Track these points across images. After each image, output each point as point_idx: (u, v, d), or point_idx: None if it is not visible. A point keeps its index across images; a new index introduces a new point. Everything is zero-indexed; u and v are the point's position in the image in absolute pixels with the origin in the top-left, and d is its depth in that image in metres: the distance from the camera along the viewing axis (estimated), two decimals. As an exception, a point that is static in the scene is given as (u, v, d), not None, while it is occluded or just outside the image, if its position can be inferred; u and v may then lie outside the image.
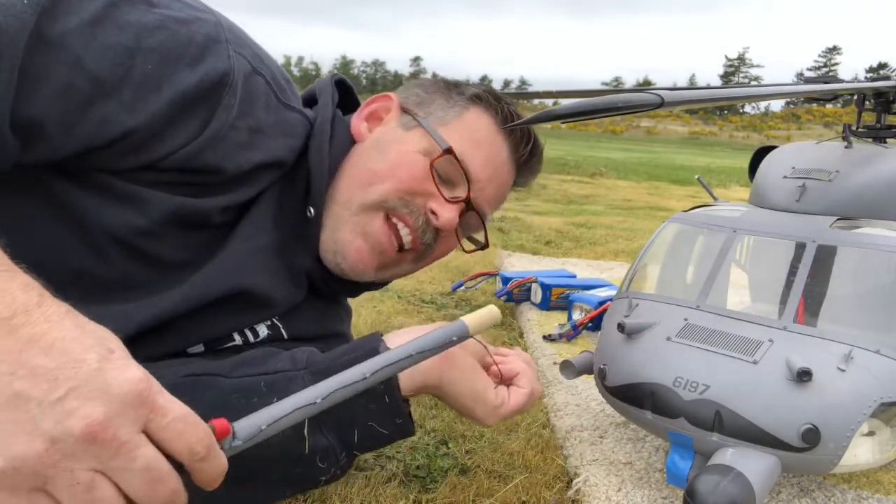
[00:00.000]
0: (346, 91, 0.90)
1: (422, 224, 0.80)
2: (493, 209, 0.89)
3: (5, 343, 0.38)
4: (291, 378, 0.66)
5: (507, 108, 0.86)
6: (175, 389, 0.57)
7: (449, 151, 0.80)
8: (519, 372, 0.73)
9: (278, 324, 0.84)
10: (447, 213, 0.79)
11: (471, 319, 0.56)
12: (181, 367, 0.67)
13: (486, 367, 0.72)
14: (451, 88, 0.88)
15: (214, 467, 0.44)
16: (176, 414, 0.42)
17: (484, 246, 0.90)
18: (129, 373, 0.41)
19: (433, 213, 0.79)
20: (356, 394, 0.52)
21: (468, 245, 0.88)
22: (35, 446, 0.37)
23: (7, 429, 0.37)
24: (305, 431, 0.65)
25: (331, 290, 0.87)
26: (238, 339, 0.80)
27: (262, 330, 0.82)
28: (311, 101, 0.85)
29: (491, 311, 0.57)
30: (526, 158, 0.87)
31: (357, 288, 0.92)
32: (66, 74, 0.58)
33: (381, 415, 0.68)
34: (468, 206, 0.82)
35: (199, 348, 0.77)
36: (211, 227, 0.72)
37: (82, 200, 0.63)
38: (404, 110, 0.85)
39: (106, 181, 0.63)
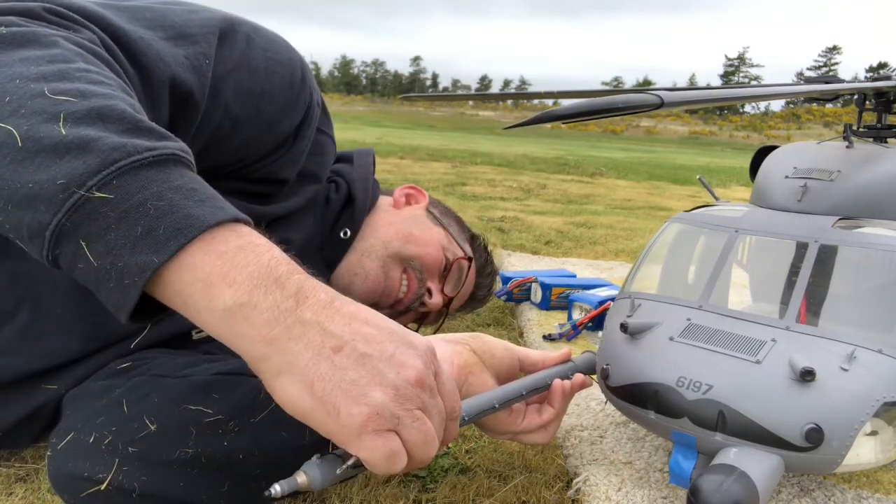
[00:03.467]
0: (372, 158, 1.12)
1: (418, 294, 1.00)
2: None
3: (338, 319, 0.46)
4: None
5: (486, 257, 1.16)
6: (208, 387, 0.63)
7: (470, 260, 1.08)
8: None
9: None
10: (437, 299, 1.02)
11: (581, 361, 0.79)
12: (209, 364, 0.70)
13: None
14: (460, 220, 1.16)
15: (456, 428, 0.54)
16: (448, 375, 0.52)
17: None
18: (420, 336, 0.50)
19: (429, 291, 1.01)
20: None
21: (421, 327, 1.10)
22: (388, 392, 0.45)
23: (364, 382, 0.45)
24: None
25: None
26: None
27: None
28: (344, 158, 1.07)
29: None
30: (482, 297, 1.16)
31: None
32: (218, 118, 0.72)
33: None
34: (446, 305, 1.05)
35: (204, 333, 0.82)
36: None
37: None
38: (430, 210, 1.09)
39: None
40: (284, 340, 0.45)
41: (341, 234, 0.97)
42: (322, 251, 0.97)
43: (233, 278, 0.45)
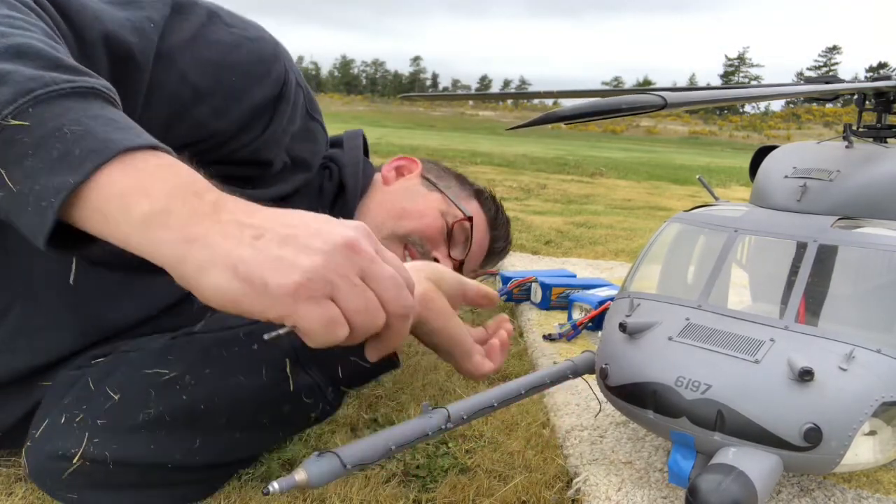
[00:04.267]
0: (364, 143, 1.10)
1: None
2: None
3: (258, 215, 0.47)
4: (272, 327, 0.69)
5: (496, 208, 1.12)
6: (164, 351, 0.67)
7: (470, 219, 1.03)
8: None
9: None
10: (446, 265, 0.96)
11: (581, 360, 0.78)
12: (159, 337, 0.71)
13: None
14: (461, 177, 1.13)
15: (407, 299, 0.51)
16: (395, 264, 0.51)
17: None
18: (351, 222, 0.50)
19: (436, 260, 0.97)
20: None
21: None
22: (316, 258, 0.45)
23: (290, 254, 0.45)
24: (288, 370, 0.69)
25: None
26: None
27: None
28: (335, 143, 1.04)
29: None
30: (499, 251, 1.14)
31: None
32: (174, 86, 0.70)
33: (361, 348, 0.73)
34: (459, 270, 1.02)
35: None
36: None
37: None
38: (424, 177, 1.05)
39: None
40: (203, 238, 0.45)
41: None
42: None
43: (150, 190, 0.45)
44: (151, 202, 0.45)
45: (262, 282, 0.44)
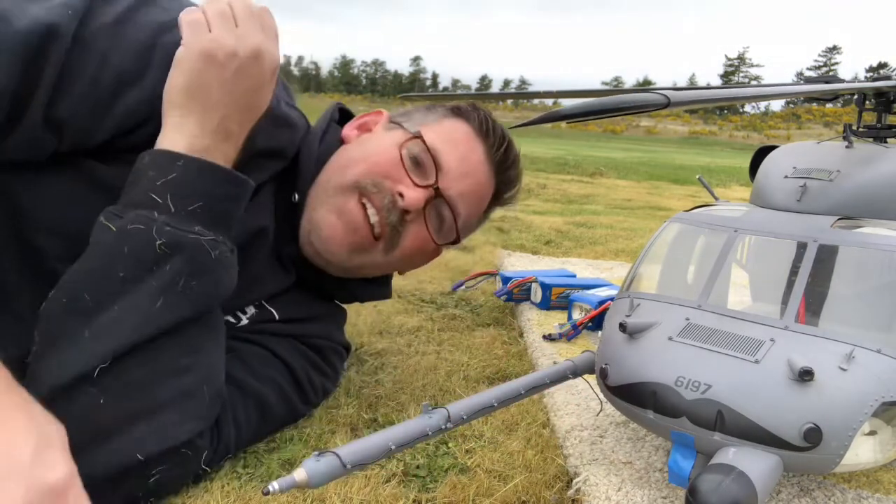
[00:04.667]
0: (348, 115, 0.99)
1: (387, 203, 0.84)
2: (468, 208, 0.92)
3: None
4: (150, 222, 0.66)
5: (482, 115, 0.94)
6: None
7: (418, 136, 0.87)
8: None
9: (269, 307, 0.88)
10: (412, 194, 0.84)
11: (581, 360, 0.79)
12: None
13: None
14: (435, 104, 0.97)
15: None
16: None
17: (455, 240, 0.93)
18: (56, 470, 0.50)
19: (400, 195, 0.84)
20: None
21: (440, 238, 0.91)
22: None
23: None
24: (104, 220, 0.66)
25: (321, 284, 0.93)
26: (231, 319, 0.84)
27: (250, 310, 0.85)
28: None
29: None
30: (501, 159, 0.94)
31: (344, 288, 0.94)
32: (94, 70, 0.65)
33: None
34: (437, 192, 0.86)
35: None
36: None
37: (113, 179, 0.69)
38: (391, 121, 0.93)
39: (132, 160, 0.68)
40: None
41: (293, 200, 0.86)
42: (291, 228, 0.87)
43: None
44: None
45: None
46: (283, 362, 0.86)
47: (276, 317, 0.88)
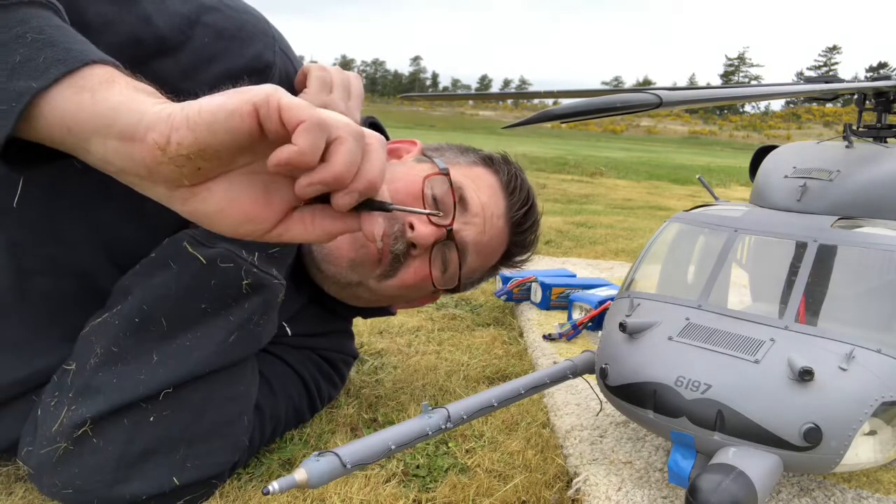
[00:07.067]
0: (379, 129, 0.93)
1: (396, 231, 0.81)
2: (476, 258, 0.89)
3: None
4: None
5: (513, 170, 0.92)
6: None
7: (445, 173, 0.84)
8: None
9: (283, 324, 0.86)
10: (424, 229, 0.81)
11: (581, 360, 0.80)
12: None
13: None
14: (469, 148, 0.96)
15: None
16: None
17: (455, 288, 0.90)
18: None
19: (411, 226, 0.81)
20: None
21: (440, 282, 0.87)
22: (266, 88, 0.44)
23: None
24: (190, 249, 0.67)
25: (331, 303, 0.90)
26: None
27: None
28: None
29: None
30: (520, 220, 0.91)
31: (348, 305, 0.91)
32: (135, 27, 0.64)
33: None
34: (449, 234, 0.83)
35: None
36: None
37: None
38: (423, 153, 0.90)
39: None
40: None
41: None
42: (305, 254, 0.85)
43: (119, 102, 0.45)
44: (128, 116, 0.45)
45: (222, 108, 0.44)
46: (296, 373, 0.86)
47: (289, 333, 0.86)
